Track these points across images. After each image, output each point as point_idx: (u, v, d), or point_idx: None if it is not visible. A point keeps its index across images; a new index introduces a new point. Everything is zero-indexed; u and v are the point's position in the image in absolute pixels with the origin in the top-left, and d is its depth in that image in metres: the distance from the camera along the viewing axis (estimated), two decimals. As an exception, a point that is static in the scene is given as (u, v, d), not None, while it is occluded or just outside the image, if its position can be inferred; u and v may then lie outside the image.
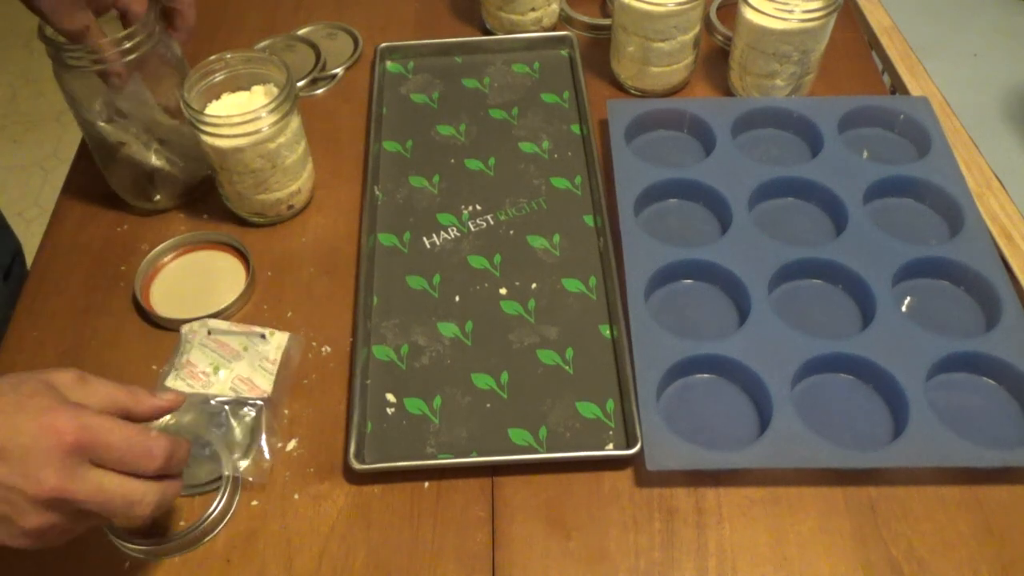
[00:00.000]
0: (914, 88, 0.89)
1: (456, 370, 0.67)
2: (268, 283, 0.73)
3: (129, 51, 0.67)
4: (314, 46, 0.93)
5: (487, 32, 0.95)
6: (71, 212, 0.79)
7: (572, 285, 0.72)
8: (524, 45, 0.93)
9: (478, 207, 0.78)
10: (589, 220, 0.77)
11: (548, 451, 0.62)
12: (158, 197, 0.78)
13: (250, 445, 0.62)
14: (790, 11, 0.78)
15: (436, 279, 0.73)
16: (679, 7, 0.79)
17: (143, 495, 0.48)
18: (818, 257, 0.71)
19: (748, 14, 0.80)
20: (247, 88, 0.75)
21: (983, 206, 0.77)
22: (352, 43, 0.95)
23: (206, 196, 0.79)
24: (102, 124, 0.72)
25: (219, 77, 0.74)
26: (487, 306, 0.71)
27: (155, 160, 0.76)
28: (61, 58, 0.67)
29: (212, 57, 0.73)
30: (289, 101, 0.70)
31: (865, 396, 0.64)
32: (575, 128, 0.85)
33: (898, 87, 0.91)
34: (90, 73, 0.68)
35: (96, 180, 0.81)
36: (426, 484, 0.61)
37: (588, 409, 0.64)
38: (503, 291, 0.72)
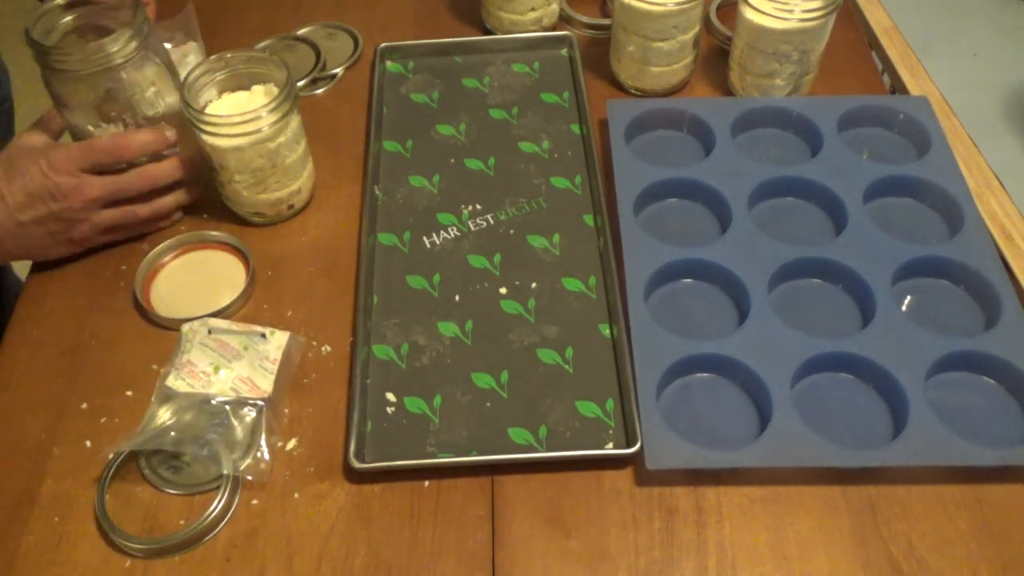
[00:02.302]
0: (914, 88, 0.89)
1: (456, 369, 0.67)
2: (268, 283, 0.73)
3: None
4: (314, 46, 0.93)
5: (487, 32, 0.95)
6: (71, 212, 0.79)
7: (572, 284, 0.72)
8: (524, 45, 0.93)
9: (478, 207, 0.78)
10: (589, 220, 0.77)
11: (548, 450, 0.62)
12: None
13: (250, 445, 0.62)
14: (790, 11, 0.78)
15: (436, 278, 0.73)
16: (679, 7, 0.80)
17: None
18: (818, 257, 0.71)
19: (748, 14, 0.80)
20: (247, 88, 0.75)
21: (983, 206, 0.77)
22: (352, 43, 0.95)
23: (206, 196, 0.79)
24: (91, 128, 0.71)
25: (219, 77, 0.74)
26: (487, 305, 0.71)
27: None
28: (47, 61, 0.66)
29: (212, 57, 0.73)
30: (289, 101, 0.71)
31: (865, 395, 0.64)
32: (575, 128, 0.85)
33: (898, 87, 0.92)
34: (78, 76, 0.67)
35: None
36: (426, 483, 0.61)
37: (588, 408, 0.65)
38: (503, 290, 0.72)
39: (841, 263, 0.70)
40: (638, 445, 0.60)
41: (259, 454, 0.62)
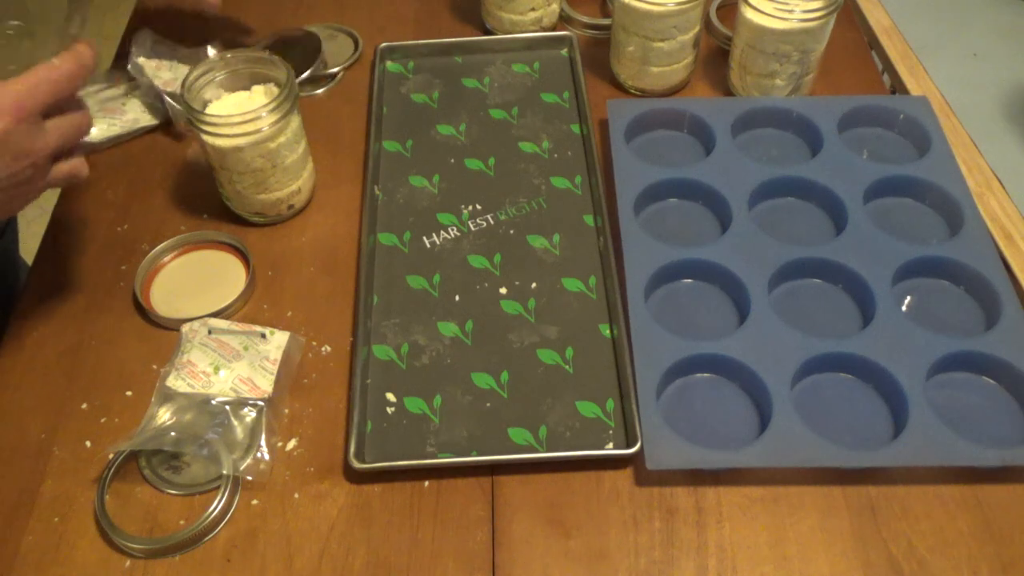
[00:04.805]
0: (914, 88, 0.89)
1: (456, 369, 0.67)
2: (268, 283, 0.73)
3: None
4: (314, 46, 0.93)
5: (487, 32, 0.95)
6: (71, 212, 0.79)
7: (572, 284, 0.72)
8: (524, 45, 0.93)
9: (478, 207, 0.78)
10: (589, 220, 0.77)
11: (548, 450, 0.62)
12: None
13: (250, 445, 0.62)
14: (790, 11, 0.78)
15: (436, 278, 0.73)
16: (679, 7, 0.79)
17: (88, 117, 0.59)
18: (818, 257, 0.71)
19: (748, 14, 0.80)
20: (247, 88, 0.75)
21: (983, 206, 0.77)
22: (352, 43, 0.95)
23: (206, 196, 0.79)
24: None
25: (219, 77, 0.74)
26: (487, 305, 0.71)
27: None
28: None
29: (212, 57, 0.73)
30: (289, 101, 0.71)
31: (865, 396, 0.64)
32: (575, 128, 0.85)
33: (898, 87, 0.92)
34: None
35: (96, 180, 0.81)
36: (426, 483, 0.61)
37: (588, 408, 0.65)
38: (503, 290, 0.72)
39: (841, 263, 0.70)
40: (638, 445, 0.60)
41: (259, 454, 0.62)
